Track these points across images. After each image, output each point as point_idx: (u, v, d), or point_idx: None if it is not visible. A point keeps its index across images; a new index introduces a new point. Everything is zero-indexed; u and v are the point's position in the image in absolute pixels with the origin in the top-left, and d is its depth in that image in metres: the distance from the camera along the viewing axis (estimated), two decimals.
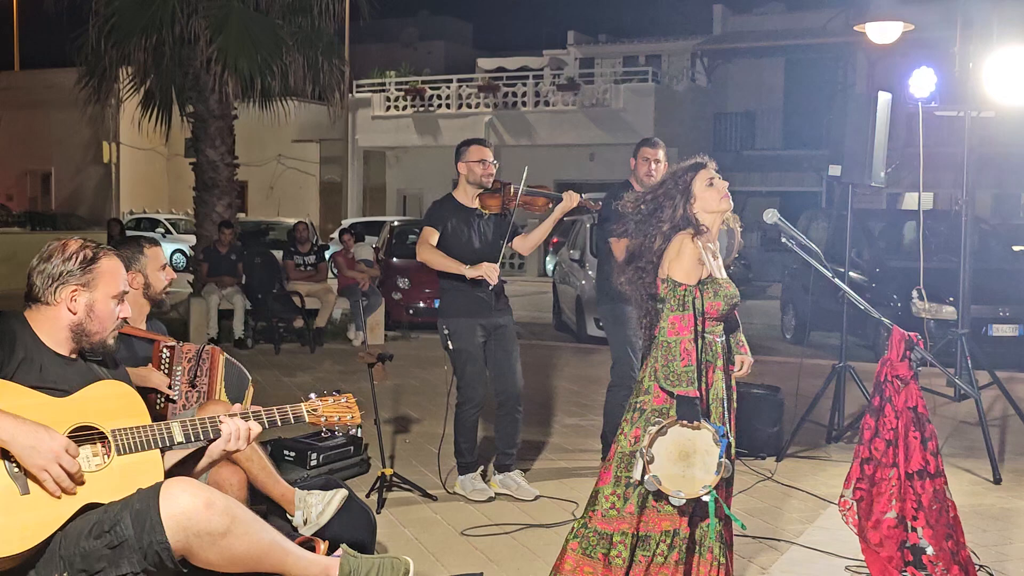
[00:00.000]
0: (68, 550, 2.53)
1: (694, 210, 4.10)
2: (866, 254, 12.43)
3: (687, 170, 4.17)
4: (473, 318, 5.79)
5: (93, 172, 31.75)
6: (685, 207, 4.09)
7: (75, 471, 2.55)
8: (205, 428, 2.78)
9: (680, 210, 4.09)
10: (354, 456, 6.29)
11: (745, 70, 29.31)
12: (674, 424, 3.99)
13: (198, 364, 4.10)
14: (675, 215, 4.09)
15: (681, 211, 4.09)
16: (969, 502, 5.83)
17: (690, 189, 4.11)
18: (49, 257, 2.85)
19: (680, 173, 4.18)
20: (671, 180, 4.19)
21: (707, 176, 4.14)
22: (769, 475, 6.39)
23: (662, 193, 4.17)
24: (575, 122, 27.09)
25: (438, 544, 5.04)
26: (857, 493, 3.96)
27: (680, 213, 4.09)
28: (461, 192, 5.87)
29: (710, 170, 4.16)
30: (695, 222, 4.10)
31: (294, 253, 12.66)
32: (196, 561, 2.54)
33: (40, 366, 2.73)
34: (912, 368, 3.88)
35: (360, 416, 3.08)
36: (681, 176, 4.16)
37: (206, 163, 13.34)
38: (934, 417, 7.99)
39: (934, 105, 6.99)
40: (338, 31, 15.23)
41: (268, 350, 11.49)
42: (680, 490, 3.97)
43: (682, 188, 4.11)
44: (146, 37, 12.38)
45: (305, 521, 3.82)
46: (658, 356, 4.06)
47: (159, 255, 4.33)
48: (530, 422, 7.94)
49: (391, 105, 29.79)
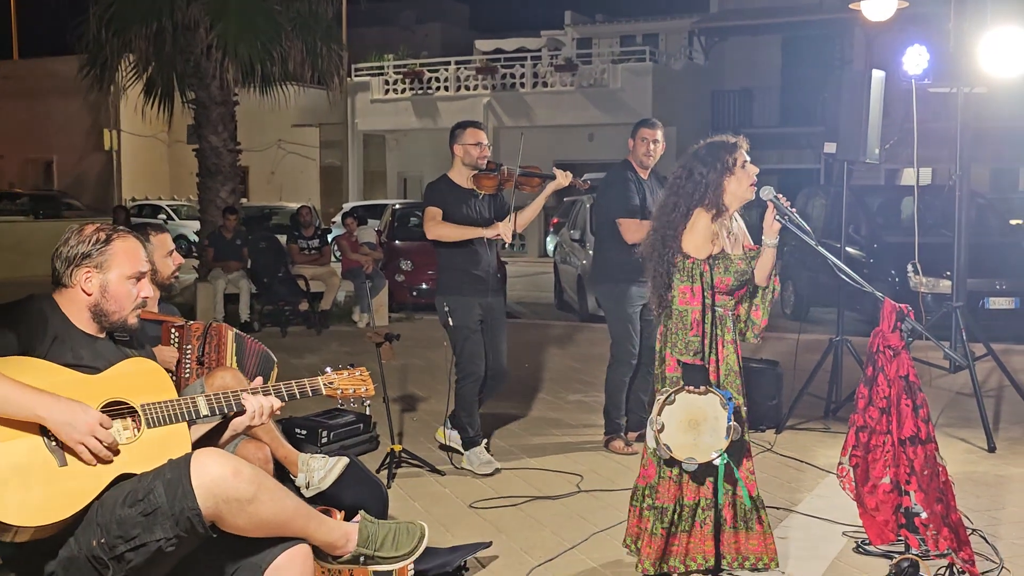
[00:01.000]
0: (104, 518, 2.67)
1: (725, 188, 4.24)
2: (863, 230, 12.57)
3: (725, 147, 4.29)
4: (472, 296, 5.97)
5: (95, 160, 31.82)
6: (720, 183, 4.23)
7: (110, 443, 2.70)
8: (229, 402, 2.93)
9: (710, 185, 4.22)
10: (364, 433, 6.44)
11: (742, 48, 29.34)
12: (681, 391, 4.12)
13: (205, 341, 4.23)
14: (705, 188, 4.23)
15: (711, 186, 4.22)
16: (964, 470, 5.99)
17: (727, 165, 4.25)
18: (67, 241, 2.99)
19: (718, 146, 4.30)
20: (709, 153, 4.31)
21: (740, 157, 4.28)
22: (769, 447, 6.54)
23: (697, 163, 4.29)
24: (573, 103, 27.15)
25: (448, 516, 5.19)
26: (853, 460, 4.11)
27: (709, 188, 4.22)
28: (456, 173, 6.02)
29: (743, 151, 4.30)
30: (720, 201, 4.25)
31: (298, 237, 12.80)
32: (225, 526, 2.69)
33: (72, 346, 2.87)
34: (903, 338, 4.03)
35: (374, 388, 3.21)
36: (720, 149, 4.28)
37: (209, 149, 13.44)
38: (930, 388, 8.20)
39: (927, 82, 7.11)
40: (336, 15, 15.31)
41: (275, 333, 11.64)
42: (692, 456, 4.11)
43: (720, 164, 4.25)
44: (146, 25, 12.45)
45: (307, 484, 3.97)
46: (670, 325, 4.23)
47: (166, 241, 4.44)
48: (535, 399, 8.12)
49: (390, 88, 29.84)
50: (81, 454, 2.66)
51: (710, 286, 4.24)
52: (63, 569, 2.69)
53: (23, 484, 2.60)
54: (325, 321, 12.14)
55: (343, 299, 13.38)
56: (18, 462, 2.62)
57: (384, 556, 3.00)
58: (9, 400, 2.62)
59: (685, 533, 4.21)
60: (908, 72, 7.07)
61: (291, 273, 12.32)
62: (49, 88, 29.41)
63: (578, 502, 5.47)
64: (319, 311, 12.16)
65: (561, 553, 4.66)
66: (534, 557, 4.61)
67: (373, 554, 2.98)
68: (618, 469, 6.07)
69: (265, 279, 12.10)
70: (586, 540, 4.83)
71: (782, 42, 28.99)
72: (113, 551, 2.64)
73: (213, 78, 12.89)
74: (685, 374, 4.14)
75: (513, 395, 8.14)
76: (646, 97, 26.37)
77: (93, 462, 2.67)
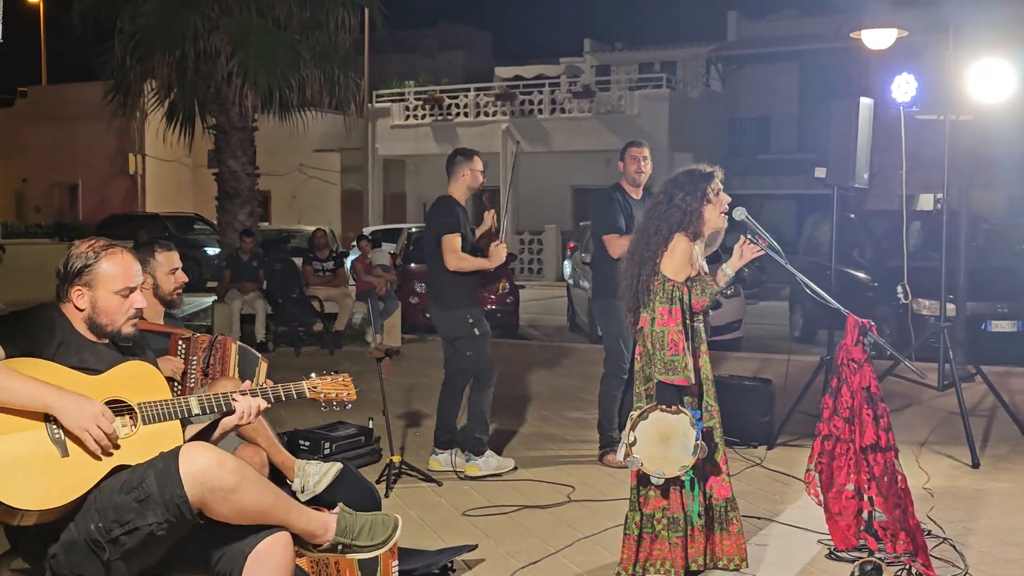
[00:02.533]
0: (102, 504, 2.94)
1: (703, 216, 4.49)
2: (868, 254, 12.74)
3: (704, 176, 4.53)
4: (480, 309, 6.46)
5: (119, 183, 32.39)
6: (699, 210, 4.48)
7: (111, 432, 2.97)
8: (219, 402, 3.19)
9: (692, 212, 4.47)
10: (365, 446, 6.69)
11: (759, 75, 29.60)
12: (654, 409, 4.38)
13: (210, 353, 4.49)
14: (686, 214, 4.47)
15: (692, 213, 4.47)
16: (945, 484, 6.17)
17: (706, 194, 4.50)
18: (65, 257, 3.26)
19: (698, 175, 4.55)
20: (689, 181, 4.55)
21: (716, 186, 4.53)
22: (759, 461, 6.73)
23: (677, 189, 4.54)
24: (591, 128, 27.46)
25: (440, 523, 5.42)
26: (819, 467, 4.33)
27: (690, 215, 4.47)
28: (459, 192, 6.45)
29: (718, 181, 4.56)
30: (699, 227, 4.50)
31: (313, 259, 13.11)
32: (211, 513, 2.94)
33: (76, 349, 3.14)
34: (866, 352, 4.24)
35: (356, 393, 3.45)
36: (699, 178, 4.53)
37: (228, 173, 13.81)
38: (921, 407, 8.38)
39: (915, 110, 7.34)
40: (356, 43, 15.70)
41: (289, 353, 11.92)
42: (660, 469, 4.37)
43: (700, 192, 4.50)
44: (169, 53, 12.87)
45: (303, 488, 4.21)
46: (649, 346, 4.46)
47: (172, 259, 4.71)
48: (535, 416, 8.36)
49: (410, 114, 30.26)
50: (86, 442, 2.93)
51: (688, 307, 4.48)
52: (64, 552, 2.96)
53: (28, 473, 2.87)
54: (338, 341, 12.41)
55: (359, 320, 13.67)
56: (24, 453, 2.89)
57: (360, 545, 3.25)
58: (21, 392, 2.90)
59: (680, 538, 4.42)
60: (896, 99, 7.29)
61: (305, 294, 12.62)
62: (75, 113, 29.99)
63: (568, 511, 5.68)
64: (332, 332, 12.44)
65: (545, 557, 4.88)
66: (519, 561, 4.83)
67: (350, 543, 3.23)
68: (611, 482, 6.27)
69: (280, 300, 12.40)
70: (570, 546, 5.05)
71: (799, 69, 29.23)
72: (109, 534, 2.91)
73: (233, 104, 13.28)
74: (658, 393, 4.39)
75: (514, 411, 8.38)
76: (663, 123, 26.65)
77: (97, 449, 2.94)
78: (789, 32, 28.86)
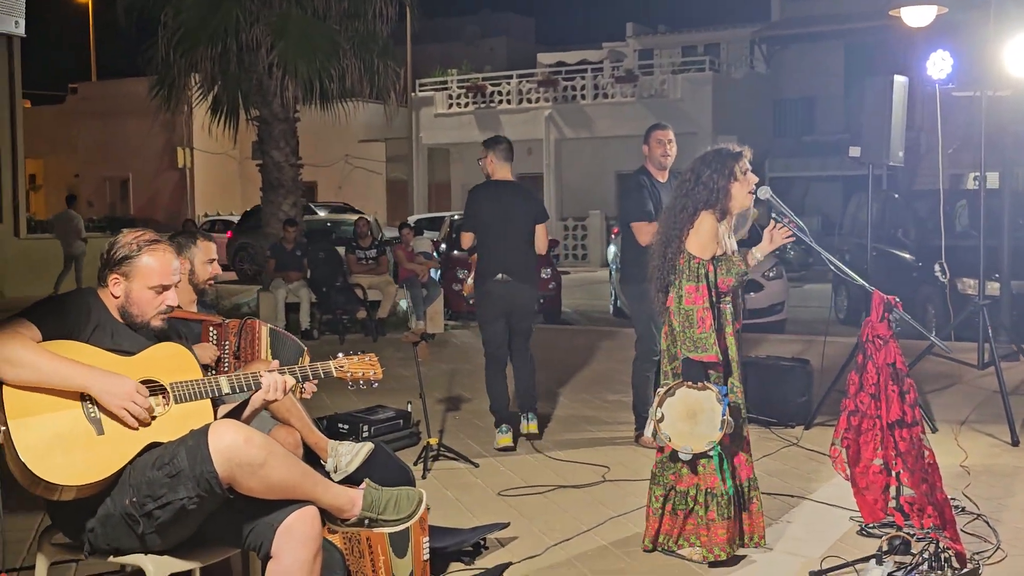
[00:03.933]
0: (136, 479, 3.06)
1: (731, 194, 4.53)
2: (913, 234, 12.63)
3: (732, 155, 4.56)
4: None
5: (169, 177, 32.86)
6: (727, 188, 4.51)
7: (147, 407, 3.10)
8: (248, 381, 3.29)
9: (719, 190, 4.51)
10: (404, 429, 6.79)
11: (804, 55, 29.30)
12: (681, 385, 4.45)
13: (240, 336, 4.59)
14: (712, 192, 4.51)
15: (719, 191, 4.51)
16: (983, 462, 6.15)
17: (733, 172, 4.53)
18: (112, 243, 3.37)
19: (726, 154, 4.58)
20: (717, 159, 4.59)
21: (744, 165, 4.56)
22: (795, 441, 6.75)
23: (704, 167, 4.57)
24: (633, 113, 27.33)
25: (476, 503, 5.51)
26: (845, 442, 4.35)
27: (717, 193, 4.50)
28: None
29: (746, 160, 4.58)
30: (726, 205, 4.54)
31: (356, 248, 13.27)
32: (240, 488, 3.05)
33: (111, 333, 3.25)
34: (891, 328, 4.26)
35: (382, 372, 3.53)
36: (727, 157, 4.56)
37: (271, 164, 13.98)
38: (964, 386, 8.32)
39: (951, 87, 7.29)
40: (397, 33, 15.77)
41: (333, 340, 12.09)
42: (688, 445, 4.43)
43: (727, 170, 4.53)
44: (212, 46, 13.02)
45: (335, 468, 4.30)
46: (676, 324, 4.50)
47: (210, 250, 4.84)
48: (574, 398, 8.43)
49: (453, 103, 30.38)
50: (123, 418, 3.05)
51: (714, 285, 4.52)
52: (101, 525, 3.08)
53: (66, 450, 2.99)
54: (382, 328, 12.55)
55: (405, 308, 13.79)
56: (62, 431, 3.02)
57: (387, 519, 3.34)
58: (59, 373, 3.02)
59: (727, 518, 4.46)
60: (932, 77, 7.25)
61: (349, 282, 12.77)
62: (125, 109, 30.38)
63: (602, 491, 5.75)
64: (376, 319, 12.58)
65: (577, 535, 4.95)
66: (551, 538, 4.90)
67: (376, 517, 3.32)
68: (645, 463, 6.25)
69: (324, 288, 12.57)
70: (602, 524, 5.12)
71: (844, 48, 28.88)
72: (143, 508, 3.02)
73: (275, 96, 13.42)
74: (685, 370, 4.44)
75: (553, 395, 8.45)
76: (706, 107, 26.52)
77: (134, 424, 3.06)
78: (833, 11, 28.48)
